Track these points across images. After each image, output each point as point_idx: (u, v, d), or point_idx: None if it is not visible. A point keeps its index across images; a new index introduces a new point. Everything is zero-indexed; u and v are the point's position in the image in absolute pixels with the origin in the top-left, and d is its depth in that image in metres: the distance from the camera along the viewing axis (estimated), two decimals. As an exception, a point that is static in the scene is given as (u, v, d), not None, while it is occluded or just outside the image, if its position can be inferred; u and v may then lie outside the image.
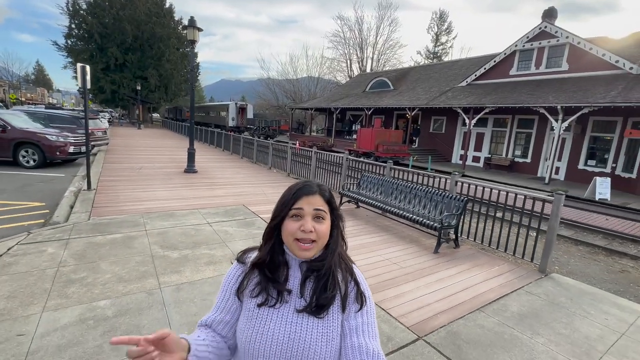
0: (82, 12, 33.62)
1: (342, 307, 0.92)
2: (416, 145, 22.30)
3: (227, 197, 6.96)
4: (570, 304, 3.42)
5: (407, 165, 13.60)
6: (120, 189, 6.96)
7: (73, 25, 33.88)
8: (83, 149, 9.99)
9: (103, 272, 3.32)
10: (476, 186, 5.00)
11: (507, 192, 4.63)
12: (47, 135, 9.09)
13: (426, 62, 46.30)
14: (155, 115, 55.13)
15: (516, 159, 17.04)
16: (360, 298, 0.94)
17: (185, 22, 8.80)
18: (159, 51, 36.65)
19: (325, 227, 0.92)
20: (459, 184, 5.21)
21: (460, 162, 18.14)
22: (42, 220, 5.05)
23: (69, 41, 34.78)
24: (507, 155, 17.48)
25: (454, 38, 47.50)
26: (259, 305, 0.91)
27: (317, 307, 0.89)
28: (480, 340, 2.69)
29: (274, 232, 0.95)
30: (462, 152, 17.92)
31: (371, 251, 4.47)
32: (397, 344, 2.58)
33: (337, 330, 0.90)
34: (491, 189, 4.86)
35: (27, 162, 8.94)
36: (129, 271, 3.39)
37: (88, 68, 6.18)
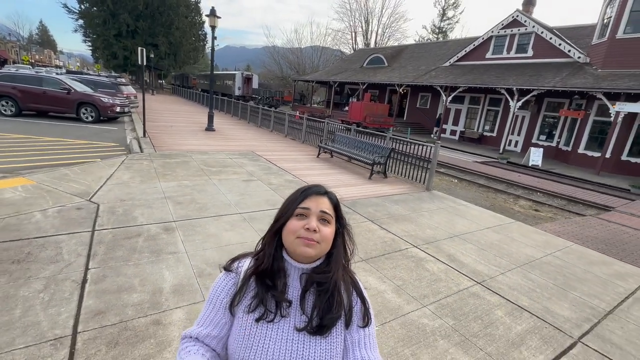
0: (95, -24, 34.94)
1: (347, 324, 0.89)
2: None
3: (240, 146, 9.82)
4: (429, 200, 6.34)
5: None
6: (164, 138, 9.81)
7: (87, -10, 35.36)
8: (126, 109, 12.80)
9: (178, 173, 6.24)
10: (402, 142, 7.81)
11: (415, 144, 7.44)
12: (101, 97, 11.84)
13: (431, 37, 47.23)
14: (161, 82, 57.07)
15: (485, 133, 19.67)
16: (367, 317, 0.91)
17: None
18: (169, 19, 38.22)
19: (329, 230, 0.88)
20: (392, 141, 8.03)
21: (441, 134, 20.77)
22: (125, 152, 7.96)
23: (82, 6, 36.43)
24: (477, 129, 20.07)
25: (460, 12, 47.61)
26: (257, 320, 0.85)
27: (319, 327, 0.85)
28: (365, 203, 5.62)
29: (276, 235, 0.91)
30: (443, 125, 20.52)
31: (329, 175, 7.38)
32: (325, 202, 5.51)
33: (340, 347, 0.88)
34: (409, 144, 7.66)
35: (87, 118, 11.75)
36: (192, 173, 6.31)
37: (145, 50, 8.83)
